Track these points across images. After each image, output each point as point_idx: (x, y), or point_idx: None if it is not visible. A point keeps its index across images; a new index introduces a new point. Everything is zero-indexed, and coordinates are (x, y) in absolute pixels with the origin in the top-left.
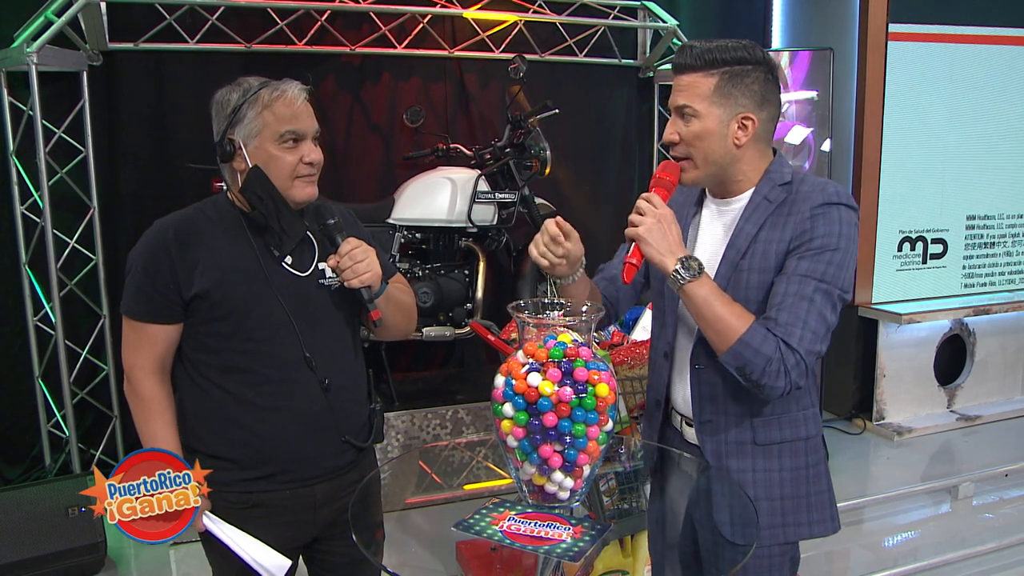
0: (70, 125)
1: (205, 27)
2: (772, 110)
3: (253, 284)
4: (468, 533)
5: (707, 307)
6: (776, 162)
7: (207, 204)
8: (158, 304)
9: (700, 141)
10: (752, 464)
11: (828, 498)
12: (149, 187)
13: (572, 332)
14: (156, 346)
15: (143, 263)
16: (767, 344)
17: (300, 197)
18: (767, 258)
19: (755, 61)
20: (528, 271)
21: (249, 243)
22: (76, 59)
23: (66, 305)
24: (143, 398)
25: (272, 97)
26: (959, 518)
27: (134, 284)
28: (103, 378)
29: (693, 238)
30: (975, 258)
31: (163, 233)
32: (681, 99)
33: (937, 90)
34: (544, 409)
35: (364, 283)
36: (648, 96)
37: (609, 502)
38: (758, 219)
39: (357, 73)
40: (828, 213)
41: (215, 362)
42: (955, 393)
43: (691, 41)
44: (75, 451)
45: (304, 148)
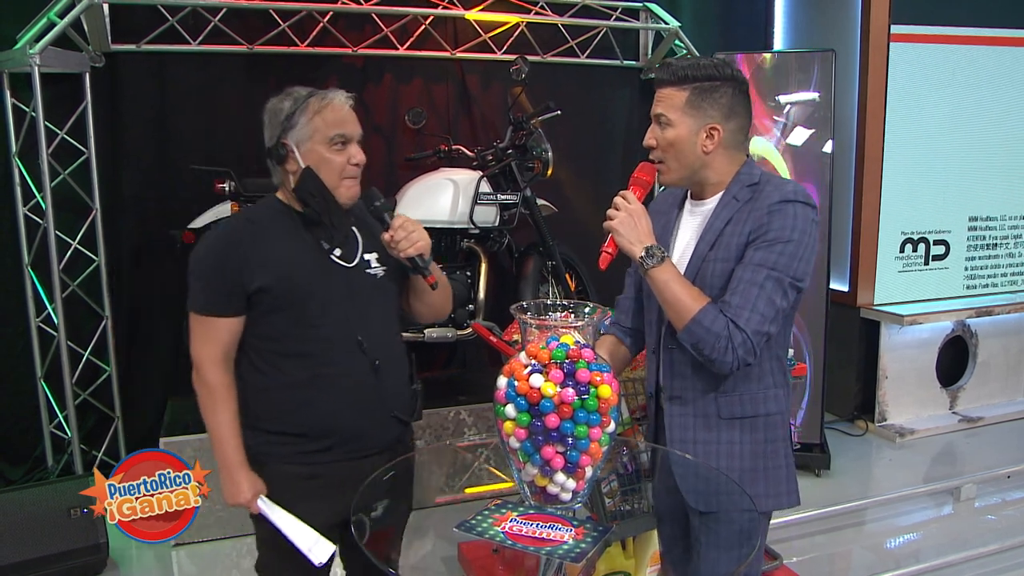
0: (72, 126)
1: (207, 28)
2: (740, 121)
3: (311, 276)
4: (470, 534)
5: (667, 289)
6: (747, 165)
7: (259, 208)
8: (225, 299)
9: (672, 147)
10: (717, 436)
11: (785, 473)
12: (151, 188)
13: (574, 333)
14: (223, 338)
15: (213, 263)
16: (717, 323)
17: (346, 196)
18: (729, 249)
19: (724, 78)
20: (530, 273)
21: (303, 239)
22: (79, 60)
23: (68, 306)
24: (211, 387)
25: (321, 104)
26: (961, 520)
27: (202, 282)
28: (105, 379)
29: (673, 235)
30: (977, 259)
31: (229, 233)
32: (658, 109)
33: (939, 91)
34: (546, 410)
35: (419, 250)
36: (650, 98)
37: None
38: (726, 216)
39: (359, 74)
40: (784, 209)
41: (277, 348)
42: (957, 395)
43: (672, 59)
44: (77, 452)
45: (351, 150)
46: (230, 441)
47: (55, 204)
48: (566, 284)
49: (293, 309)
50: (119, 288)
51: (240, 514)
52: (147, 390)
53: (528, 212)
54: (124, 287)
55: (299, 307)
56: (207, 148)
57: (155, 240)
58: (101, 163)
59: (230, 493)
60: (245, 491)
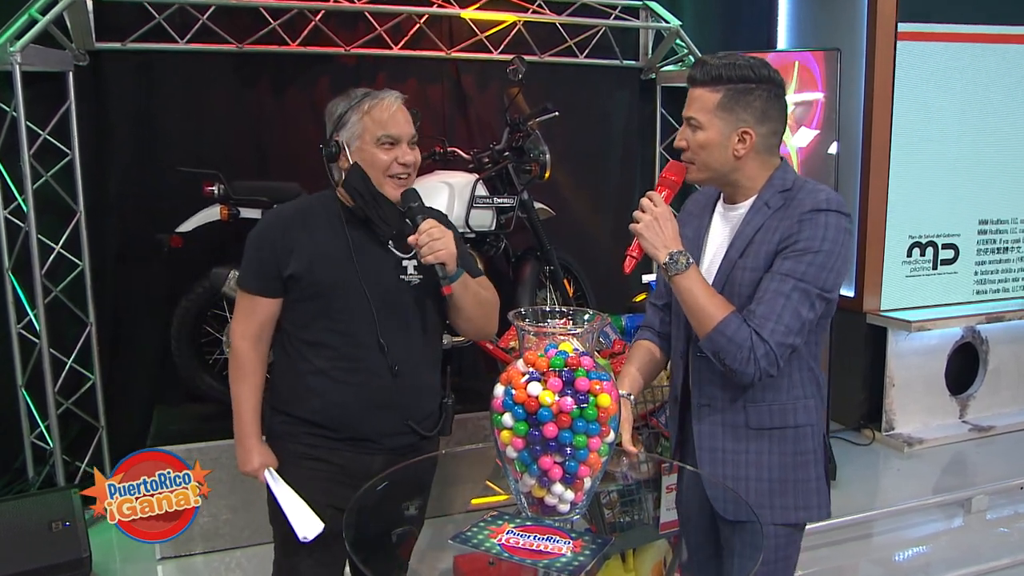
0: (55, 127)
1: (195, 27)
2: (774, 125)
3: (342, 271)
4: (466, 546)
5: (691, 297)
6: (780, 170)
7: (318, 197)
8: (262, 279)
9: (703, 150)
10: (746, 446)
11: (816, 486)
12: (137, 191)
13: (573, 341)
14: (257, 316)
15: (256, 242)
16: (740, 333)
17: (390, 195)
18: (758, 258)
19: (759, 80)
20: (527, 278)
21: (344, 234)
22: (61, 59)
23: (51, 312)
24: (239, 359)
25: (372, 104)
26: (973, 532)
27: (247, 258)
28: (89, 387)
29: (704, 240)
30: (987, 264)
31: (276, 216)
32: (690, 111)
33: (948, 91)
34: (544, 419)
35: (439, 259)
36: (650, 98)
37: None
38: (757, 222)
39: (352, 74)
40: (815, 218)
41: (304, 336)
42: (968, 403)
43: (706, 56)
44: (59, 463)
45: (399, 150)
46: (247, 412)
47: (37, 207)
48: (564, 290)
49: (319, 300)
50: (104, 294)
51: (227, 527)
52: (132, 398)
53: (525, 216)
54: (109, 293)
55: (325, 300)
56: (195, 150)
57: (141, 244)
58: (85, 165)
59: (241, 460)
60: (254, 460)
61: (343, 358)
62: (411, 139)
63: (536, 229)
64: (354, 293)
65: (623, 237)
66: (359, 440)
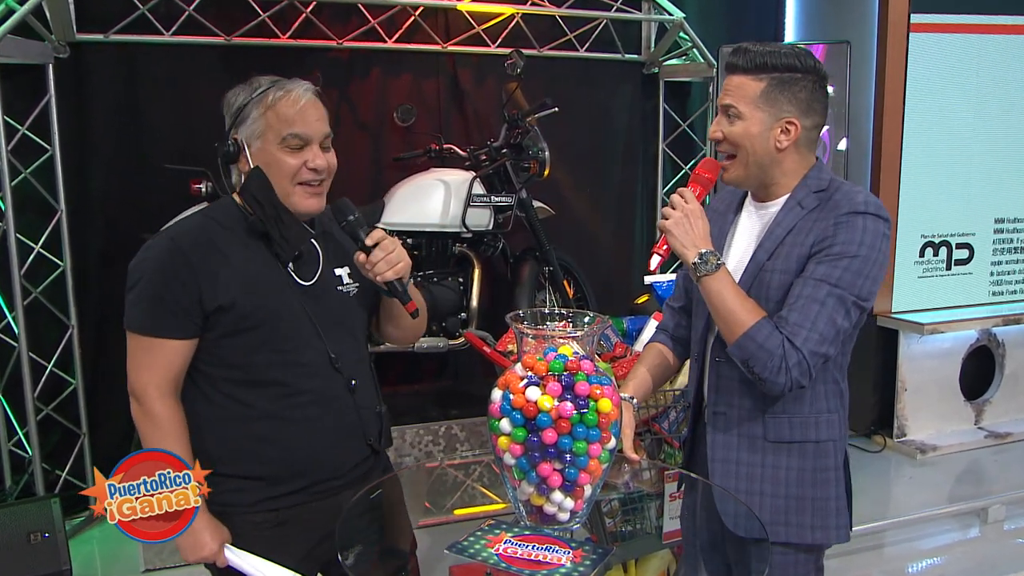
0: (34, 121)
1: (182, 18)
2: (816, 118)
3: (281, 292)
4: (462, 556)
5: (720, 299)
6: (815, 168)
7: (214, 210)
8: (175, 319)
9: (741, 142)
10: (762, 459)
11: (835, 506)
12: (121, 189)
13: (573, 344)
14: (171, 363)
15: (156, 275)
16: (771, 340)
17: (301, 208)
18: (789, 260)
19: (805, 69)
20: (526, 279)
21: (263, 250)
22: (41, 51)
23: (30, 315)
24: (157, 419)
25: (276, 97)
26: (989, 543)
27: (145, 297)
28: (70, 393)
29: (730, 238)
30: (1004, 264)
31: (177, 242)
32: (728, 99)
33: (962, 84)
34: (543, 425)
35: (399, 273)
36: (653, 93)
37: (612, 524)
38: (789, 223)
39: (344, 69)
40: (852, 221)
41: (238, 377)
42: (983, 408)
43: (746, 43)
44: (39, 472)
45: (309, 152)
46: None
47: (16, 205)
48: (564, 291)
49: (260, 330)
50: (86, 295)
51: None
52: (116, 404)
53: (524, 215)
54: (91, 294)
55: (268, 328)
56: (182, 146)
57: (125, 244)
58: (66, 161)
59: (190, 547)
60: (208, 542)
61: (298, 392)
62: (324, 139)
63: (535, 229)
64: (297, 313)
65: (625, 237)
66: (325, 480)
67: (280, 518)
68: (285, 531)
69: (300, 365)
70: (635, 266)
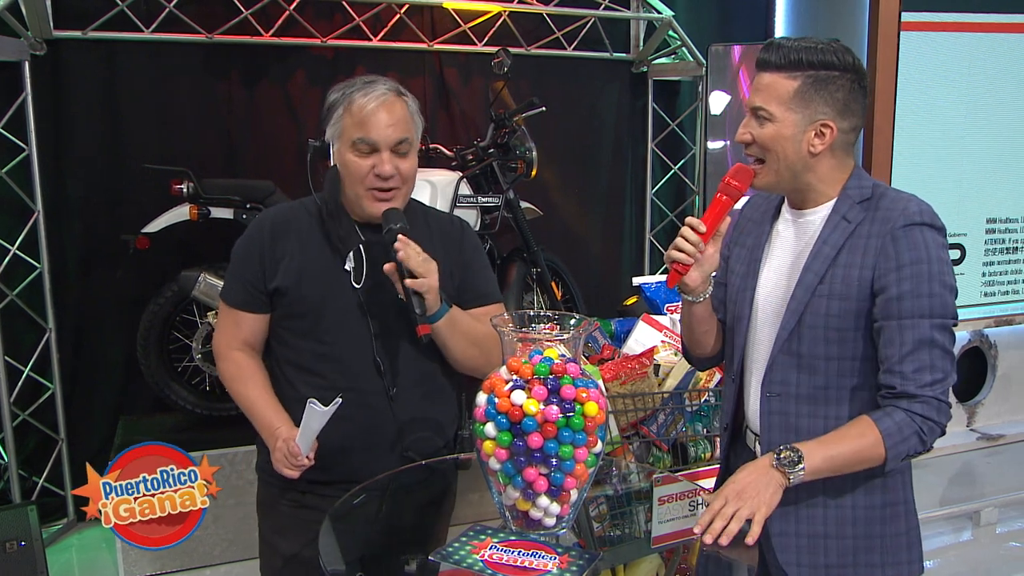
0: (10, 120)
1: (162, 15)
2: (854, 120)
3: (331, 287)
4: (446, 563)
5: (840, 468)
6: (855, 176)
7: (311, 199)
8: (246, 293)
9: (771, 146)
10: (823, 500)
11: (906, 540)
12: (99, 189)
13: (559, 347)
14: (242, 332)
15: (240, 251)
16: (905, 429)
17: (368, 211)
18: (848, 285)
19: (844, 67)
20: (513, 281)
21: (325, 244)
22: (16, 47)
23: (7, 318)
24: (234, 362)
25: (355, 100)
26: (982, 547)
27: (231, 272)
28: (48, 397)
29: (767, 248)
30: (996, 264)
31: (261, 224)
32: (758, 100)
33: (954, 83)
34: (529, 429)
35: (418, 287)
36: (641, 92)
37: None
38: (836, 241)
39: (329, 67)
40: (911, 237)
41: (293, 359)
42: (975, 410)
43: (779, 38)
44: (15, 479)
45: (377, 158)
46: (266, 407)
47: None
48: (552, 293)
49: (307, 318)
50: (64, 298)
51: (203, 544)
52: (95, 409)
53: (511, 215)
54: (69, 297)
55: (312, 318)
56: (162, 146)
57: (105, 246)
58: (43, 161)
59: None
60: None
61: (334, 388)
62: (397, 145)
63: (522, 229)
64: (346, 309)
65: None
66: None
67: (303, 501)
68: (305, 515)
69: (339, 361)
70: (624, 267)
